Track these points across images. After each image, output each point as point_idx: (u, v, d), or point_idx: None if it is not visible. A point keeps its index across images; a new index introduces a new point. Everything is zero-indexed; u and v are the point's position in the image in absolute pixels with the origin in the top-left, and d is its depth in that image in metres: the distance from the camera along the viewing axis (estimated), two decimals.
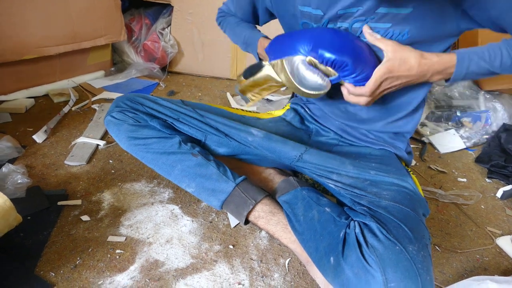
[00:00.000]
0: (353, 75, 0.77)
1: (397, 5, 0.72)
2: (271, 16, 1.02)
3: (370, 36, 0.77)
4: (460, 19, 0.74)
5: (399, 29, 0.75)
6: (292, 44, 0.80)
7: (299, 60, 0.79)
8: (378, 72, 0.75)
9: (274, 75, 0.85)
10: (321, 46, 0.76)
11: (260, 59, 0.97)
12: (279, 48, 0.84)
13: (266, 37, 0.98)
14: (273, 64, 0.84)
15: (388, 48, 0.75)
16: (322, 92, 0.81)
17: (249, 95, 0.94)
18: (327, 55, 0.75)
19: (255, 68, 0.88)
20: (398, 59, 0.74)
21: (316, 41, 0.77)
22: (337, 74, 0.78)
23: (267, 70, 0.85)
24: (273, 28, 1.12)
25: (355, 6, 0.75)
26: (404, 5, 0.72)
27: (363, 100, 0.79)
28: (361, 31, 0.78)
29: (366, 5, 0.74)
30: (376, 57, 0.79)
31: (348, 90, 0.80)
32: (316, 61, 0.78)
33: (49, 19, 1.59)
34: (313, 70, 0.79)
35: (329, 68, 0.78)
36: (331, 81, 0.80)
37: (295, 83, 0.80)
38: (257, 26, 1.08)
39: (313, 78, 0.79)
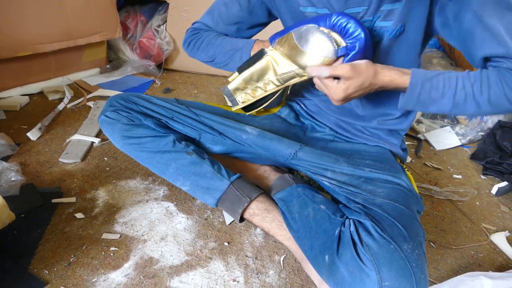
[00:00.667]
0: (356, 52, 0.74)
1: None
2: (267, 17, 0.96)
3: (319, 71, 0.74)
4: (437, 16, 0.73)
5: (395, 25, 0.75)
6: (306, 22, 0.78)
7: (311, 27, 0.76)
8: (340, 69, 0.73)
9: (274, 64, 0.82)
10: (342, 14, 0.74)
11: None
12: (290, 28, 0.81)
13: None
14: (278, 41, 0.81)
15: (344, 73, 0.72)
16: (324, 58, 0.75)
17: (239, 97, 0.90)
18: (346, 18, 0.72)
19: (254, 58, 0.85)
20: (353, 82, 0.72)
21: (334, 23, 0.75)
22: (345, 45, 0.74)
23: (268, 57, 0.83)
24: None
25: (362, 4, 0.75)
26: None
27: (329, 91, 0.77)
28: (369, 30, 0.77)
29: (371, 3, 0.74)
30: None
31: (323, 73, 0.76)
32: (329, 30, 0.75)
33: (44, 16, 1.58)
34: (325, 33, 0.75)
35: (341, 39, 0.75)
36: (336, 51, 0.75)
37: (298, 46, 0.76)
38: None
39: (322, 39, 0.74)
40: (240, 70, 0.87)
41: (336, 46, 0.75)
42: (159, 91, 1.86)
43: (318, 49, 0.75)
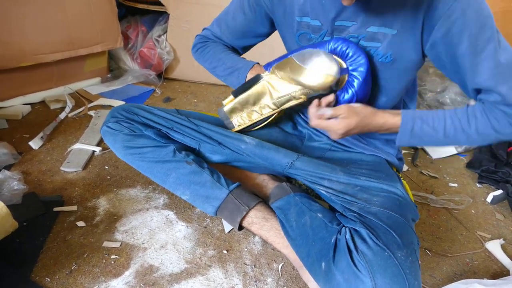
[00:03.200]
0: (364, 75, 0.79)
1: (384, 24, 0.76)
2: (270, 27, 0.99)
3: (323, 111, 0.82)
4: (429, 51, 0.77)
5: (384, 50, 0.79)
6: (308, 47, 0.83)
7: (314, 50, 0.81)
8: (339, 111, 0.81)
9: (270, 88, 0.86)
10: (341, 39, 0.80)
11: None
12: (287, 55, 0.86)
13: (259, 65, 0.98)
14: (276, 65, 0.85)
15: (343, 112, 0.80)
16: (327, 75, 0.78)
17: (235, 120, 0.94)
18: (345, 43, 0.79)
19: (250, 82, 0.88)
20: (353, 120, 0.80)
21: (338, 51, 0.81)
22: (346, 66, 0.80)
23: (264, 81, 0.86)
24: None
25: (350, 19, 0.79)
26: (389, 25, 0.75)
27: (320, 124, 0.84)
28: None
29: (359, 20, 0.78)
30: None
31: (320, 103, 0.84)
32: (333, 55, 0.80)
33: (46, 26, 1.60)
34: (328, 53, 0.80)
35: (342, 61, 0.80)
36: (339, 70, 0.79)
37: (301, 65, 0.79)
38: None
39: (327, 57, 0.78)
40: (236, 94, 0.90)
41: (339, 66, 0.79)
42: (159, 100, 1.88)
43: (322, 66, 0.78)
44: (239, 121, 0.93)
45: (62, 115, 1.58)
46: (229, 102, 0.92)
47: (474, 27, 0.68)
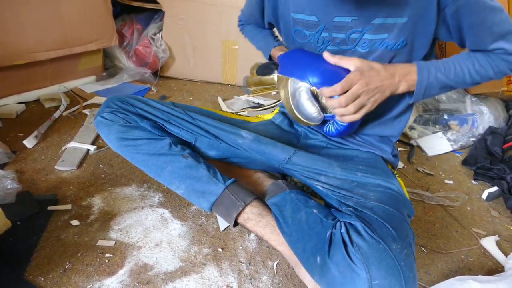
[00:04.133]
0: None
1: (391, 14, 0.75)
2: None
3: (332, 58, 0.81)
4: (440, 26, 0.77)
5: (395, 39, 0.78)
6: (304, 70, 0.83)
7: (304, 88, 0.82)
8: (350, 75, 0.77)
9: (276, 85, 0.90)
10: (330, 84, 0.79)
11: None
12: (290, 66, 0.87)
13: (281, 43, 1.02)
14: (279, 77, 0.88)
15: (354, 61, 0.79)
16: (312, 123, 0.85)
17: (252, 89, 1.00)
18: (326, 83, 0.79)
19: (266, 70, 0.95)
20: (366, 65, 0.78)
21: (327, 77, 0.80)
22: (333, 113, 0.82)
23: (275, 78, 0.92)
24: None
25: (350, 14, 0.77)
26: (398, 14, 0.75)
27: (342, 103, 0.79)
28: (358, 42, 0.81)
29: (362, 15, 0.76)
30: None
31: (323, 93, 0.80)
32: (319, 93, 0.81)
33: (41, 24, 1.59)
34: (313, 102, 0.82)
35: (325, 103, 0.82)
36: (325, 116, 0.84)
37: (291, 104, 0.84)
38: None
39: (311, 109, 0.82)
40: (257, 72, 0.98)
41: (322, 114, 0.84)
42: (155, 98, 1.86)
43: (305, 115, 0.84)
44: (253, 91, 1.01)
45: (56, 114, 1.57)
46: (252, 75, 1.00)
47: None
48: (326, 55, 0.81)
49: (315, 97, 0.82)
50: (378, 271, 0.63)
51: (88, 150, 1.34)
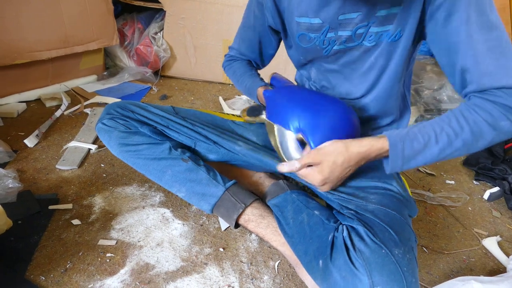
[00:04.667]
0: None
1: (393, 3, 0.73)
2: (277, 35, 0.99)
3: (291, 167, 0.79)
4: (427, 22, 0.74)
5: (394, 29, 0.76)
6: (285, 116, 0.83)
7: (290, 137, 0.83)
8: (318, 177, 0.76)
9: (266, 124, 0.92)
10: (311, 133, 0.79)
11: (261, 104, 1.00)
12: (274, 111, 0.88)
13: (266, 84, 1.00)
14: (267, 121, 0.89)
15: (311, 160, 0.76)
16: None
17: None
18: (314, 145, 0.79)
19: (255, 112, 0.98)
20: (325, 163, 0.75)
21: (307, 123, 0.80)
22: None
23: (264, 118, 0.94)
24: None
25: (354, 10, 0.76)
26: (398, 2, 0.73)
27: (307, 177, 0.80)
28: (365, 36, 0.79)
29: (364, 8, 0.75)
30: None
31: (279, 169, 0.82)
32: (300, 136, 0.82)
33: (42, 23, 1.59)
34: (300, 151, 0.82)
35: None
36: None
37: (280, 151, 0.85)
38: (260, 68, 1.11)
39: (298, 156, 0.83)
40: (248, 115, 1.01)
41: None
42: (156, 98, 1.87)
43: (290, 157, 0.84)
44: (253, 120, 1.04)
45: (57, 113, 1.57)
46: (244, 116, 1.03)
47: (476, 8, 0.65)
48: (281, 169, 0.81)
49: (302, 143, 0.83)
50: (381, 277, 0.63)
51: (89, 149, 1.34)
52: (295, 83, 1.05)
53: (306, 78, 0.98)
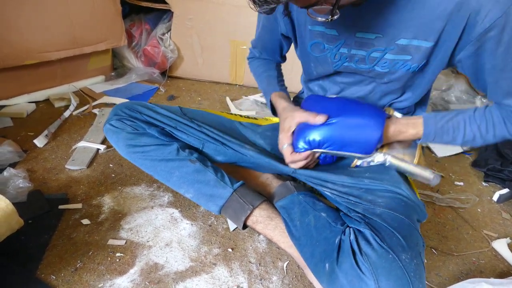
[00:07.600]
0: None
1: (419, 37, 0.72)
2: (289, 41, 1.01)
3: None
4: (455, 58, 0.76)
5: (417, 62, 0.76)
6: (295, 139, 0.85)
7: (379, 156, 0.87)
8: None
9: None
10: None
11: (273, 110, 1.02)
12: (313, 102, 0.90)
13: (284, 89, 1.02)
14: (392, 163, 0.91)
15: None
16: None
17: None
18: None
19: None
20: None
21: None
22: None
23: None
24: None
25: (373, 31, 0.75)
26: (424, 37, 0.72)
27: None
28: (379, 61, 0.79)
29: (387, 33, 0.74)
30: None
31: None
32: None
33: (50, 24, 1.61)
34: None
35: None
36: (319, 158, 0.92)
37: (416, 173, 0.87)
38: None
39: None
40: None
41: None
42: (163, 98, 1.88)
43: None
44: None
45: (66, 113, 1.58)
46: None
47: (506, 45, 0.66)
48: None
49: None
50: (387, 282, 0.62)
51: (98, 149, 1.35)
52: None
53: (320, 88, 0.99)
